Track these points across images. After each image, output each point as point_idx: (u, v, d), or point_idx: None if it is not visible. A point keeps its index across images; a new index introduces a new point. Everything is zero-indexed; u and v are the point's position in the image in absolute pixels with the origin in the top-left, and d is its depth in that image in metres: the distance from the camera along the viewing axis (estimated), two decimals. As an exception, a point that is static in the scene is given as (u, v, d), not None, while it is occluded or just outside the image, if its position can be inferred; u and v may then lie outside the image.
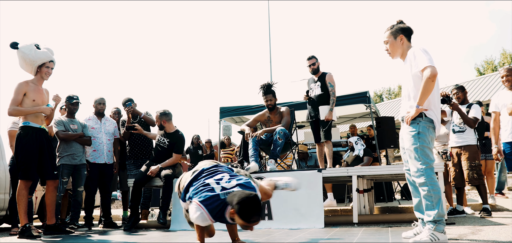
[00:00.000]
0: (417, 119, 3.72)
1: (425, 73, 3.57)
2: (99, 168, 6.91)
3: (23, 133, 5.33)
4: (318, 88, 6.97)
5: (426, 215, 3.61)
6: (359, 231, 4.75)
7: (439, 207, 3.57)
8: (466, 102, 6.69)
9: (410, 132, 3.73)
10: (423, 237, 3.51)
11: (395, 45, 3.92)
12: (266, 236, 4.66)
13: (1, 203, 7.05)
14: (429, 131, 3.71)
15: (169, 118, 6.68)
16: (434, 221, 3.55)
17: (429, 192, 3.60)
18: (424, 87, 3.57)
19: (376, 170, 6.16)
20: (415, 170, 3.69)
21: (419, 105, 3.64)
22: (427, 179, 3.61)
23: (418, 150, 3.67)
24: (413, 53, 3.72)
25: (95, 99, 7.19)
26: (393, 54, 3.96)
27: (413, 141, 3.70)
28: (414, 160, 3.70)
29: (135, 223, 6.32)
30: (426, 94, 3.60)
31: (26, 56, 5.38)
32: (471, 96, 18.16)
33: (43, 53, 5.44)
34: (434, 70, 3.55)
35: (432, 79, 3.55)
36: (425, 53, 3.65)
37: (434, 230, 3.52)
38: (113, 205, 15.60)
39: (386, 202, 9.99)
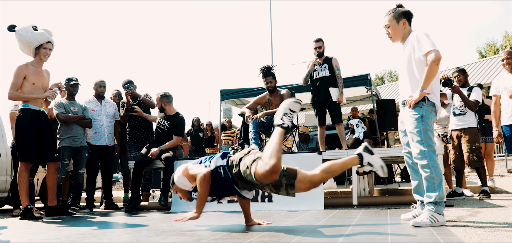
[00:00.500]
0: (420, 103, 3.71)
1: (430, 57, 3.56)
2: (100, 150, 6.93)
3: (22, 115, 5.34)
4: (326, 70, 6.91)
5: (427, 196, 3.62)
6: (359, 213, 4.77)
7: (440, 189, 3.59)
8: (467, 85, 6.68)
9: (413, 115, 3.72)
10: (423, 218, 3.53)
11: (397, 29, 3.89)
12: (266, 217, 4.69)
13: (2, 184, 7.09)
14: (431, 114, 3.71)
15: (170, 100, 6.68)
16: (434, 203, 3.57)
17: (431, 174, 3.61)
18: (429, 71, 3.57)
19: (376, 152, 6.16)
20: (417, 152, 3.68)
21: (423, 89, 3.63)
22: (430, 161, 3.61)
23: (422, 133, 3.66)
24: (417, 36, 3.70)
25: (96, 82, 7.19)
26: (394, 38, 3.93)
27: (417, 124, 3.69)
28: (417, 143, 3.70)
29: (136, 205, 6.36)
30: (430, 78, 3.60)
31: (23, 38, 5.37)
32: (473, 79, 18.11)
33: (40, 34, 5.43)
34: (438, 54, 3.53)
35: (437, 63, 3.54)
36: (428, 37, 3.64)
37: (434, 212, 3.54)
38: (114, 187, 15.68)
39: (386, 184, 10.02)
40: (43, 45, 5.44)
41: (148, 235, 3.51)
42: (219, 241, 2.99)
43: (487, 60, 21.06)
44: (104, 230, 4.00)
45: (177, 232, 3.63)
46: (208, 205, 5.96)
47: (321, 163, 5.80)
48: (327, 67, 6.92)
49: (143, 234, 3.58)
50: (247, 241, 2.94)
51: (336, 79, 6.88)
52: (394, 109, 10.95)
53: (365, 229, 3.44)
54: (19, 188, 5.37)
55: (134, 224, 4.52)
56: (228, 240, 3.05)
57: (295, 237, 3.06)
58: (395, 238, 2.87)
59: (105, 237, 3.43)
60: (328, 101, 6.90)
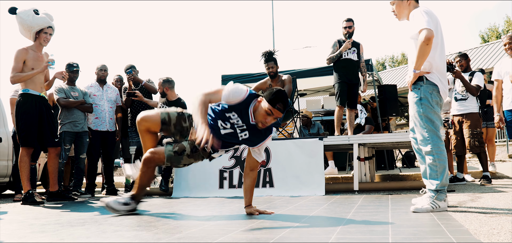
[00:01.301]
0: (418, 84, 3.62)
1: (420, 36, 3.44)
2: (102, 135, 6.93)
3: (23, 100, 5.34)
4: (354, 54, 6.78)
5: (429, 183, 3.58)
6: (360, 199, 4.78)
7: (443, 177, 3.53)
8: (469, 70, 6.65)
9: (414, 97, 3.65)
10: (424, 204, 3.51)
11: (402, 6, 3.78)
12: (267, 203, 4.70)
13: (4, 169, 7.11)
14: (432, 95, 3.59)
15: (172, 86, 6.66)
16: (436, 190, 3.54)
17: (434, 161, 3.54)
18: (419, 51, 3.46)
19: (377, 138, 6.17)
20: (421, 138, 3.61)
21: (415, 69, 3.55)
22: (433, 147, 3.53)
23: (423, 117, 3.58)
24: (412, 15, 3.60)
25: (97, 67, 7.17)
26: (399, 15, 3.83)
27: (417, 107, 3.62)
28: (419, 127, 3.62)
29: (137, 190, 6.36)
30: (422, 58, 3.48)
31: (24, 21, 5.35)
32: (475, 64, 18.03)
33: (41, 18, 5.40)
34: (429, 33, 3.39)
35: (426, 43, 3.40)
36: (423, 15, 3.50)
37: (435, 199, 3.52)
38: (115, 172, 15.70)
39: (387, 170, 10.03)
40: (43, 30, 5.42)
41: (149, 220, 3.51)
42: (219, 228, 2.99)
43: (489, 45, 20.94)
44: (105, 215, 4.01)
45: (178, 218, 3.64)
46: (208, 191, 5.99)
47: (321, 148, 5.83)
48: (356, 51, 6.80)
49: (144, 219, 3.59)
50: (247, 228, 2.94)
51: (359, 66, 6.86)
52: (395, 95, 10.93)
53: (365, 215, 3.44)
54: (20, 173, 5.38)
55: (135, 209, 4.53)
56: (227, 226, 3.06)
57: (295, 223, 3.06)
58: (396, 225, 2.86)
59: (106, 222, 3.43)
60: (356, 84, 6.84)
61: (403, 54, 42.05)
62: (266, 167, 5.99)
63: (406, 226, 2.76)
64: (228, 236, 2.61)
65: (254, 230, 2.81)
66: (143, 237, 2.70)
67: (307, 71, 10.08)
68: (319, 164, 5.83)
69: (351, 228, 2.76)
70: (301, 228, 2.82)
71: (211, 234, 2.73)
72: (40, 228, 3.26)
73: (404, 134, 6.37)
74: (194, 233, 2.80)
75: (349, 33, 6.77)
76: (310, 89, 13.16)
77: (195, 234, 2.74)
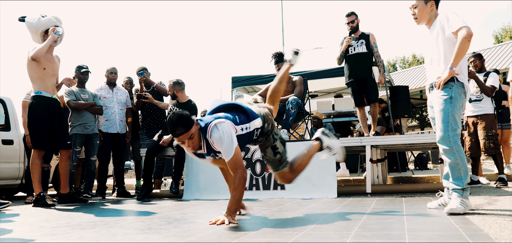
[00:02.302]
0: (449, 84, 3.56)
1: (461, 33, 3.42)
2: (112, 138, 6.92)
3: (35, 103, 5.34)
4: (363, 46, 6.52)
5: (453, 183, 3.52)
6: (373, 201, 4.71)
7: (467, 175, 3.51)
8: (483, 70, 6.54)
9: (442, 96, 3.58)
10: (456, 204, 3.43)
11: (425, 11, 3.75)
12: (278, 206, 4.65)
13: (15, 172, 7.13)
14: (461, 96, 3.57)
15: (182, 87, 6.63)
16: (462, 189, 3.49)
17: (455, 160, 3.51)
18: (460, 48, 3.42)
19: (389, 140, 6.08)
20: (441, 135, 3.56)
21: (453, 66, 3.48)
22: (454, 145, 3.51)
23: (449, 115, 3.53)
24: (446, 16, 3.57)
25: (107, 69, 7.16)
26: (420, 19, 3.79)
27: (445, 105, 3.56)
28: (442, 125, 3.56)
29: (148, 193, 6.35)
30: (461, 55, 3.45)
31: (31, 25, 5.42)
32: (489, 64, 17.83)
33: (47, 19, 5.46)
34: (470, 30, 3.40)
35: (468, 39, 3.40)
36: (458, 15, 3.52)
37: (464, 198, 3.47)
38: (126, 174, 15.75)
39: (399, 172, 9.93)
40: (50, 30, 5.43)
41: (160, 222, 3.48)
42: (230, 232, 2.95)
43: (503, 45, 20.70)
44: (116, 217, 3.99)
45: (189, 221, 3.60)
46: (219, 193, 5.94)
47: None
48: (364, 43, 6.54)
49: (155, 222, 3.55)
50: (259, 230, 2.89)
51: (373, 57, 6.56)
52: (407, 96, 10.80)
53: (380, 219, 3.37)
54: (32, 176, 5.38)
55: (146, 211, 4.50)
56: (239, 229, 3.01)
57: (307, 227, 3.00)
58: (413, 229, 2.79)
59: (117, 225, 3.40)
60: (366, 79, 6.56)
61: (414, 55, 41.77)
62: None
63: (423, 230, 2.69)
64: (240, 239, 2.56)
65: (268, 233, 2.75)
66: (153, 240, 2.66)
67: (318, 72, 10.00)
68: (331, 166, 5.76)
69: (366, 231, 2.70)
70: (315, 232, 2.76)
71: (223, 237, 2.68)
72: (50, 230, 3.24)
73: (417, 136, 6.28)
74: (205, 236, 2.75)
75: (352, 28, 6.60)
76: (321, 91, 13.08)
77: (207, 237, 2.69)
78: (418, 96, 21.57)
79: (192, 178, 6.33)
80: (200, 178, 6.29)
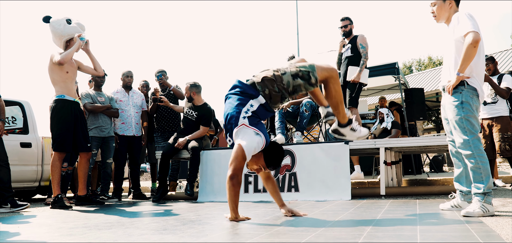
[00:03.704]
0: (459, 88, 3.55)
1: (467, 39, 3.40)
2: (128, 140, 7.01)
3: (59, 106, 5.44)
4: (348, 50, 6.61)
5: (475, 187, 3.49)
6: (387, 203, 4.71)
7: (489, 179, 3.46)
8: (497, 73, 6.51)
9: (453, 102, 3.57)
10: (475, 208, 3.40)
11: (443, 8, 3.73)
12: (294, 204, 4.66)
13: (33, 174, 7.27)
14: (473, 99, 3.55)
15: (199, 90, 6.69)
16: (483, 193, 3.45)
17: (477, 164, 3.47)
18: (465, 54, 3.41)
19: (404, 142, 6.08)
20: (461, 141, 3.54)
21: (460, 72, 3.47)
22: (475, 150, 3.47)
23: (463, 121, 3.52)
24: (457, 17, 3.56)
25: (123, 73, 7.27)
26: (438, 17, 3.78)
27: (457, 111, 3.55)
28: (459, 131, 3.55)
29: (163, 195, 6.41)
30: (467, 61, 3.43)
31: (55, 30, 5.48)
32: (506, 67, 17.63)
33: (72, 27, 5.52)
34: (476, 36, 3.37)
35: (474, 45, 3.38)
36: (469, 19, 3.48)
37: (484, 202, 3.43)
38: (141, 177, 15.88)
39: (414, 175, 9.88)
40: (74, 38, 5.54)
41: (175, 224, 3.53)
42: (244, 233, 2.98)
43: (520, 47, 20.44)
44: (132, 218, 4.05)
45: (203, 222, 3.65)
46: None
47: (347, 153, 5.77)
48: (350, 46, 6.59)
49: (170, 223, 3.60)
50: (273, 231, 2.92)
51: (359, 58, 6.52)
52: (422, 99, 10.78)
53: (393, 220, 3.39)
54: (51, 177, 5.47)
55: (161, 213, 4.56)
56: (254, 229, 3.05)
57: (322, 227, 3.03)
58: (425, 229, 2.81)
59: (132, 226, 3.46)
60: (347, 83, 6.53)
61: (430, 57, 41.41)
62: (291, 171, 5.96)
63: (435, 231, 2.70)
64: (254, 239, 2.60)
65: (281, 234, 2.79)
66: (169, 240, 2.71)
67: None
68: (345, 168, 5.77)
69: (378, 232, 2.72)
70: (328, 233, 2.78)
71: (237, 238, 2.72)
72: (68, 231, 3.31)
73: (431, 138, 6.25)
74: (220, 236, 2.80)
75: (345, 32, 6.66)
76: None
77: (221, 238, 2.73)
78: (433, 99, 21.39)
79: (206, 180, 6.38)
80: (214, 180, 6.34)
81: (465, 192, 3.78)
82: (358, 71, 6.44)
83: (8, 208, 5.24)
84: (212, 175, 6.36)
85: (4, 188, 5.30)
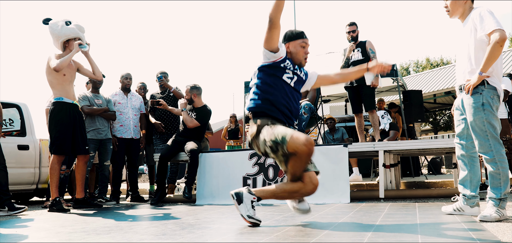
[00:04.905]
0: (479, 89, 3.42)
1: (493, 37, 3.29)
2: (126, 143, 6.99)
3: (57, 109, 5.41)
4: (359, 54, 6.61)
5: (492, 191, 3.44)
6: (386, 207, 4.70)
7: (507, 184, 3.40)
8: (495, 76, 6.50)
9: (473, 105, 3.45)
10: (491, 212, 3.34)
11: (457, 3, 3.60)
12: (290, 211, 4.65)
13: (30, 177, 7.24)
14: (493, 100, 3.43)
15: (200, 92, 6.69)
16: (499, 199, 3.40)
17: (497, 170, 3.39)
18: (491, 52, 3.30)
19: (403, 145, 6.07)
20: (481, 144, 3.44)
21: (482, 72, 3.36)
22: (497, 155, 3.39)
23: (485, 123, 3.40)
24: (480, 14, 3.43)
25: (122, 75, 7.24)
26: (452, 12, 3.65)
27: (478, 114, 3.42)
28: (480, 134, 3.43)
29: (161, 197, 6.40)
30: (492, 60, 3.32)
31: (53, 31, 5.45)
32: (504, 68, 17.66)
33: (70, 29, 5.48)
34: (503, 35, 3.26)
35: (501, 44, 3.26)
36: (492, 15, 3.38)
37: (500, 207, 3.37)
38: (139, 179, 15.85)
39: (412, 177, 9.87)
40: (71, 40, 5.50)
41: (174, 228, 3.51)
42: (245, 237, 2.96)
43: (516, 49, 20.49)
44: (130, 222, 4.03)
45: (203, 226, 3.63)
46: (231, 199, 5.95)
47: (346, 155, 5.76)
48: (360, 50, 6.63)
49: (169, 227, 3.58)
50: (274, 236, 2.91)
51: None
52: (420, 100, 10.78)
53: (393, 225, 3.37)
54: (50, 180, 5.43)
55: (160, 217, 4.54)
56: (253, 234, 3.03)
57: (322, 231, 3.01)
58: (426, 235, 2.79)
59: (131, 230, 3.44)
60: (361, 86, 6.58)
61: (428, 59, 41.45)
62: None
63: (436, 235, 2.69)
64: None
65: (280, 238, 2.77)
66: (168, 245, 2.68)
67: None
68: (344, 171, 5.76)
69: (379, 238, 2.70)
70: (328, 238, 2.76)
71: None
72: (66, 236, 3.28)
73: (431, 141, 6.25)
74: (220, 241, 2.78)
75: (353, 37, 6.67)
76: (334, 95, 13.08)
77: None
78: (431, 100, 21.43)
79: (204, 183, 6.37)
80: (212, 183, 6.32)
81: (468, 196, 3.70)
82: (375, 76, 6.44)
83: (6, 211, 5.21)
84: (210, 178, 6.35)
85: (1, 191, 5.27)
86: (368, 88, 6.54)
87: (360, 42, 6.68)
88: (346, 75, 4.10)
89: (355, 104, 6.76)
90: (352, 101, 6.79)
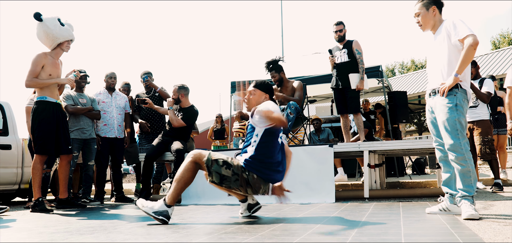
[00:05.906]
0: (453, 91, 3.61)
1: (467, 41, 3.50)
2: (110, 142, 6.93)
3: (40, 108, 5.33)
4: (345, 55, 6.56)
5: (465, 191, 3.55)
6: (370, 206, 4.73)
7: (476, 181, 3.58)
8: (478, 77, 6.61)
9: (447, 104, 3.62)
10: (471, 211, 3.44)
11: (427, 17, 3.83)
12: (276, 210, 4.66)
13: (13, 177, 7.15)
14: (464, 103, 3.63)
15: (187, 93, 6.68)
16: (472, 196, 3.54)
17: (468, 167, 3.54)
18: (465, 55, 3.50)
19: (388, 145, 6.12)
20: (451, 143, 3.58)
21: (458, 73, 3.54)
22: (466, 153, 3.54)
23: (457, 123, 3.57)
24: (453, 22, 3.64)
25: (106, 74, 7.19)
26: (424, 26, 3.87)
27: (451, 113, 3.59)
28: (450, 133, 3.59)
29: (146, 197, 6.36)
30: (466, 63, 3.53)
31: (49, 30, 5.27)
32: (486, 71, 17.92)
33: (67, 30, 5.37)
34: (476, 39, 3.49)
35: (474, 48, 3.49)
36: (464, 23, 3.59)
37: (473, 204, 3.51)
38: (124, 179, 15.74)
39: (397, 177, 9.96)
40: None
41: (159, 228, 3.49)
42: (229, 237, 2.96)
43: (500, 51, 20.80)
44: (114, 222, 4.00)
45: (188, 226, 3.62)
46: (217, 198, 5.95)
47: (332, 155, 5.78)
48: (347, 51, 6.58)
49: (154, 228, 3.57)
50: (259, 235, 2.91)
51: (356, 64, 6.53)
52: (405, 101, 10.89)
53: (377, 223, 3.40)
54: (32, 180, 5.35)
55: (145, 216, 4.51)
56: (238, 233, 3.03)
57: (307, 231, 3.03)
58: (409, 234, 2.82)
59: (115, 230, 3.42)
60: (347, 88, 6.58)
61: (413, 60, 41.84)
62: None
63: (420, 235, 2.72)
64: None
65: (265, 238, 2.77)
66: (152, 245, 2.67)
67: (317, 77, 10.05)
68: (329, 171, 5.79)
69: (363, 236, 2.72)
70: (312, 237, 2.78)
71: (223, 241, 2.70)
72: (49, 236, 3.25)
73: (415, 141, 6.31)
74: (205, 240, 2.77)
75: (340, 37, 6.65)
76: (320, 96, 13.13)
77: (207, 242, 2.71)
78: (416, 102, 21.65)
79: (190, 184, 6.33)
80: (198, 183, 6.27)
81: (454, 195, 3.79)
82: (360, 78, 6.49)
83: (-13, 212, 5.14)
84: (196, 178, 6.30)
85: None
86: (353, 91, 6.54)
87: (347, 41, 6.65)
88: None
89: (340, 105, 6.76)
90: (337, 103, 6.80)
